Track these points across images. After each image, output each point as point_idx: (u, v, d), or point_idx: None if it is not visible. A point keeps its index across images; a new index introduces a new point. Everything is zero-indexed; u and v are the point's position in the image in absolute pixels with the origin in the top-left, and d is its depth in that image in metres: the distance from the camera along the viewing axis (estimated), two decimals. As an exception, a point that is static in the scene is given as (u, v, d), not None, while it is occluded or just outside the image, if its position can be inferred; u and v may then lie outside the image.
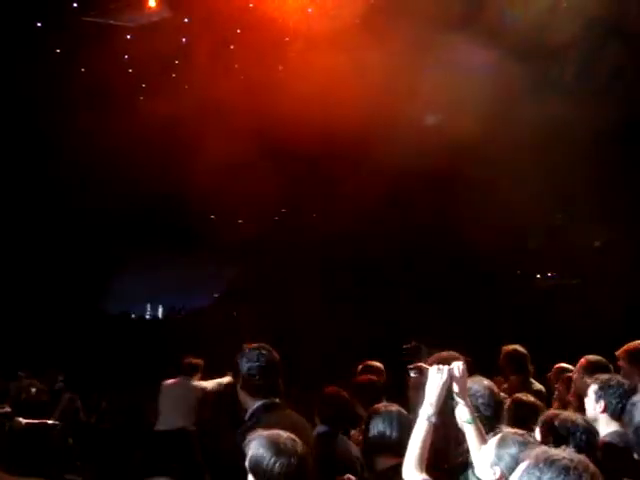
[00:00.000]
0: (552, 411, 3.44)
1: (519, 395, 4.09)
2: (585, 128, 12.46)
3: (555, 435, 2.99)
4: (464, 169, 14.06)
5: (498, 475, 2.75)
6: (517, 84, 12.94)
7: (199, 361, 8.48)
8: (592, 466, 2.06)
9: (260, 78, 13.15)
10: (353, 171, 14.79)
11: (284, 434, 2.66)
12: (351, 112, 12.00)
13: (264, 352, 3.42)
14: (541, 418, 3.29)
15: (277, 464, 2.57)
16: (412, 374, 3.92)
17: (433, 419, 3.09)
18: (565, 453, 2.08)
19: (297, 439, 2.67)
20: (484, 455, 2.88)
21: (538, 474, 2.03)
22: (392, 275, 18.29)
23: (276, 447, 2.60)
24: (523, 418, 3.70)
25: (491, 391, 3.55)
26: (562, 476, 2.00)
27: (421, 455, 3.03)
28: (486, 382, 3.62)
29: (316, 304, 16.72)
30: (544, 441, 2.97)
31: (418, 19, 12.86)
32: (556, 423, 3.08)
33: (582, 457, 2.09)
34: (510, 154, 14.01)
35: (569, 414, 3.33)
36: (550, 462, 2.04)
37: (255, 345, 3.51)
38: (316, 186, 16.61)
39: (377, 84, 12.66)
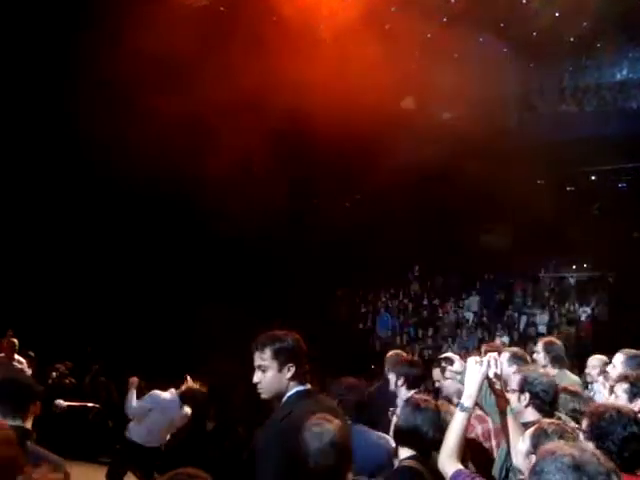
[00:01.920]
0: (597, 403, 3.39)
1: (564, 385, 4.07)
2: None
3: (599, 428, 2.96)
4: (492, 162, 13.97)
5: (533, 464, 2.75)
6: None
7: None
8: (605, 464, 1.98)
9: (294, 67, 13.12)
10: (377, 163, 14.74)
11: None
12: (380, 102, 11.99)
13: (296, 339, 3.38)
14: (587, 411, 3.25)
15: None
16: (443, 364, 3.93)
17: (471, 410, 3.09)
18: (574, 449, 2.02)
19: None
20: (521, 444, 2.89)
21: (541, 469, 2.03)
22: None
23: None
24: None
25: (548, 378, 3.58)
26: (562, 473, 1.97)
27: (458, 445, 3.03)
28: (542, 370, 3.63)
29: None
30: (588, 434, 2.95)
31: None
32: (600, 415, 3.05)
33: (593, 454, 2.02)
34: (540, 149, 13.93)
35: (613, 405, 3.27)
36: (554, 458, 2.01)
37: (286, 332, 3.47)
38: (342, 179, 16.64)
39: (408, 74, 12.61)
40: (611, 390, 4.35)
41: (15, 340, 9.21)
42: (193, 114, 13.20)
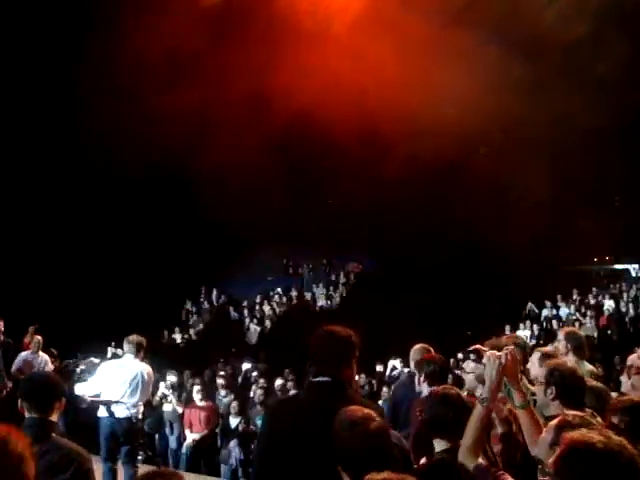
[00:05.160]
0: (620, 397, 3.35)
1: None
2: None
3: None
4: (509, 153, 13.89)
5: (559, 452, 2.73)
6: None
7: None
8: (629, 451, 1.98)
9: (301, 62, 13.11)
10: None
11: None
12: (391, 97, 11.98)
13: (320, 336, 3.25)
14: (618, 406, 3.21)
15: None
16: (471, 357, 3.91)
17: (490, 404, 3.07)
18: (601, 436, 2.02)
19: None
20: (545, 435, 2.87)
21: (568, 456, 2.02)
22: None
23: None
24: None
25: (576, 373, 3.53)
26: (589, 460, 1.97)
27: (478, 439, 3.02)
28: (570, 364, 3.58)
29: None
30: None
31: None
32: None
33: (620, 440, 2.01)
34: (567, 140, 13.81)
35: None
36: (580, 445, 2.01)
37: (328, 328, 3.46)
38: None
39: (414, 69, 12.54)
40: None
41: (39, 337, 9.34)
42: (199, 110, 13.24)
